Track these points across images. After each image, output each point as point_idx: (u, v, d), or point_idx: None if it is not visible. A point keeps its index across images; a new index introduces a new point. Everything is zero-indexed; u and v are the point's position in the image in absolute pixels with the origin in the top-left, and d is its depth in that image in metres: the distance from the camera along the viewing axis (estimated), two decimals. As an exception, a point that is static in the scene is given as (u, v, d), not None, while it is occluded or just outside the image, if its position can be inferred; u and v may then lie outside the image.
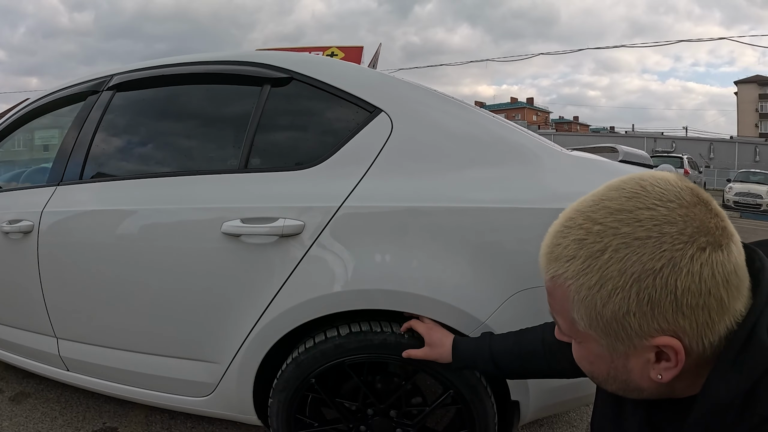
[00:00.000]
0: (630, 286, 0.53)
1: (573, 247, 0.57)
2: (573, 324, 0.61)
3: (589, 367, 0.65)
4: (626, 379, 0.61)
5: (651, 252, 0.52)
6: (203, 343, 1.47)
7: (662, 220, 0.53)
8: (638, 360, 0.58)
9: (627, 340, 0.57)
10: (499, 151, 1.38)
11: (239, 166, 1.45)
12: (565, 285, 0.58)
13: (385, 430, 1.45)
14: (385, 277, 1.30)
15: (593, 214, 0.57)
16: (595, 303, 0.56)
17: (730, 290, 0.53)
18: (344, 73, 1.51)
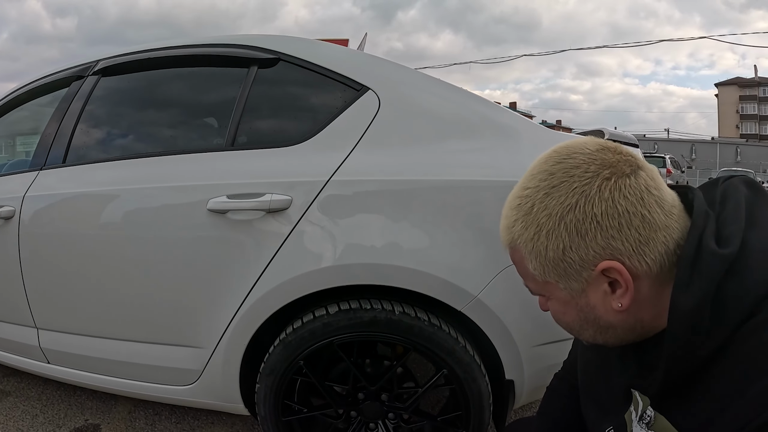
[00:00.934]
0: (558, 225, 0.62)
1: (513, 214, 0.67)
2: (535, 279, 0.68)
3: (564, 319, 0.70)
4: (595, 317, 0.66)
5: (565, 193, 0.61)
6: (188, 326, 1.43)
7: (569, 166, 0.62)
8: (596, 294, 0.64)
9: (577, 276, 0.63)
10: (483, 127, 1.39)
11: (225, 145, 1.43)
12: (518, 247, 0.67)
13: (376, 414, 1.41)
14: (374, 251, 1.27)
15: (522, 184, 0.67)
16: (539, 251, 0.64)
17: (648, 206, 0.60)
18: (331, 54, 1.51)
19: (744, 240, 0.57)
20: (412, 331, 1.27)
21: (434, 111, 1.40)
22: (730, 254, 0.56)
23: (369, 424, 1.43)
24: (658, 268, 0.60)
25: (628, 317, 0.64)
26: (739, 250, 0.56)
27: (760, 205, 0.63)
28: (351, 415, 1.42)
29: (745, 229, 0.59)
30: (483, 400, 1.32)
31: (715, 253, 0.56)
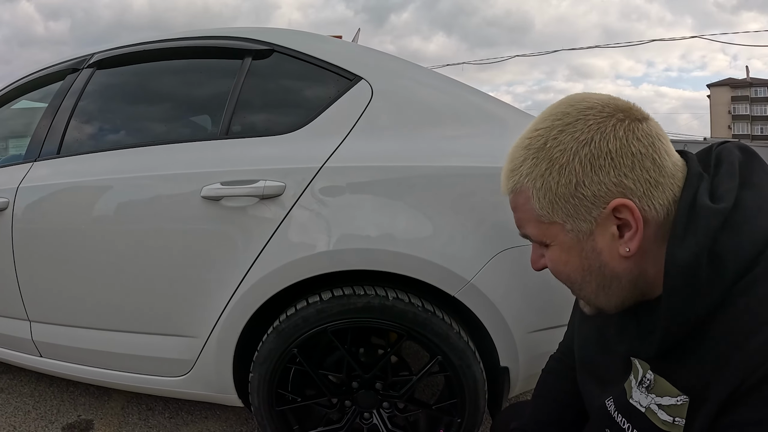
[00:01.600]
0: (572, 159, 0.61)
1: (522, 153, 0.66)
2: (539, 222, 0.66)
3: (565, 270, 0.67)
4: (600, 265, 0.64)
5: (581, 129, 0.61)
6: (181, 315, 1.43)
7: (584, 107, 0.63)
8: (603, 237, 0.63)
9: (587, 214, 0.62)
10: (474, 115, 1.41)
11: (219, 134, 1.44)
12: (524, 186, 0.65)
13: (371, 403, 1.41)
14: (366, 237, 1.28)
15: (533, 127, 0.66)
16: (551, 186, 0.63)
17: (659, 152, 0.61)
18: (324, 45, 1.53)
19: (738, 197, 0.58)
20: (406, 316, 1.27)
21: (426, 100, 1.42)
22: (724, 209, 0.57)
23: (363, 413, 1.43)
24: (665, 214, 0.61)
25: (633, 267, 0.63)
26: (733, 207, 0.58)
27: (753, 167, 0.64)
28: (345, 404, 1.42)
29: (738, 188, 0.60)
30: (478, 386, 1.32)
31: (709, 207, 0.57)
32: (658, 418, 0.63)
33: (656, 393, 0.64)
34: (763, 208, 0.58)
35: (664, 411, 0.62)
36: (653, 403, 0.64)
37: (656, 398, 0.64)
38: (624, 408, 0.70)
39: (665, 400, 0.62)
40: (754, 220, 0.57)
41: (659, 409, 0.63)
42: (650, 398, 0.65)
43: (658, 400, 0.64)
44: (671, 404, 0.61)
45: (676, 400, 0.61)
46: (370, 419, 1.43)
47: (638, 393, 0.67)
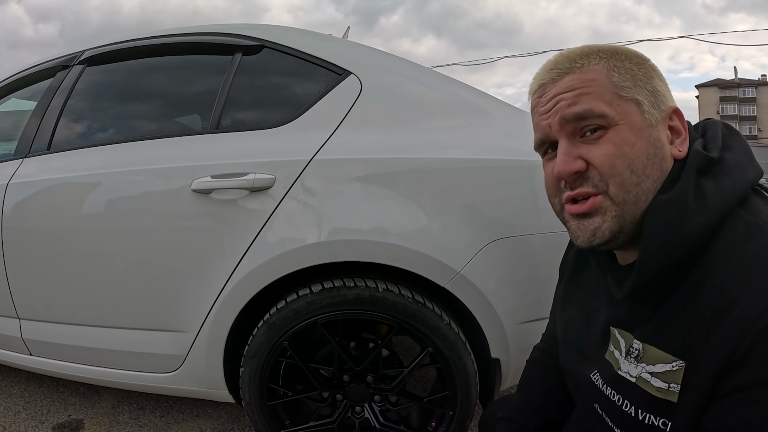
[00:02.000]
0: (645, 62, 0.68)
1: (586, 50, 0.69)
2: (615, 96, 0.64)
3: (631, 153, 0.63)
4: (662, 158, 0.64)
5: (629, 53, 0.69)
6: (171, 310, 1.43)
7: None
8: (663, 134, 0.66)
9: (657, 107, 0.66)
10: (463, 108, 1.43)
11: (210, 128, 1.45)
12: (601, 66, 0.66)
13: (362, 397, 1.41)
14: (356, 228, 1.29)
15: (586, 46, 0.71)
16: (632, 70, 0.66)
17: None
18: (314, 40, 1.55)
19: (721, 155, 0.65)
20: (396, 308, 1.28)
21: (415, 93, 1.44)
22: (710, 158, 0.64)
23: (355, 408, 1.43)
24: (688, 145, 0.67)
25: (672, 174, 0.64)
26: (718, 160, 0.64)
27: (733, 137, 0.69)
28: (337, 398, 1.42)
29: (721, 148, 0.66)
30: (469, 378, 1.33)
31: (700, 152, 0.65)
32: (652, 386, 0.63)
33: (647, 362, 0.64)
34: (741, 165, 0.64)
35: (659, 378, 0.62)
36: (645, 371, 0.64)
37: (648, 367, 0.64)
38: (613, 381, 0.70)
39: (659, 367, 0.62)
40: (733, 172, 0.62)
41: (652, 377, 0.63)
42: (641, 368, 0.65)
43: (651, 369, 0.64)
44: (666, 371, 0.61)
45: (671, 365, 0.61)
46: (362, 413, 1.43)
47: (627, 364, 0.68)
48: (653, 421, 0.63)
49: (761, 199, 0.62)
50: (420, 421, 1.47)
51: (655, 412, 0.63)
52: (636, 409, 0.66)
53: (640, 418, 0.65)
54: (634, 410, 0.66)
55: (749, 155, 0.66)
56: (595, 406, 0.75)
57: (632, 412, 0.66)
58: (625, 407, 0.67)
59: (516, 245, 1.31)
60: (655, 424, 0.63)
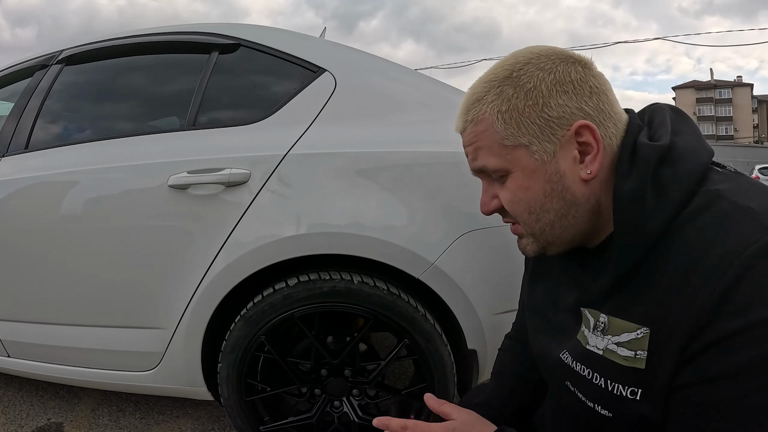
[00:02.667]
0: (539, 84, 0.66)
1: (484, 86, 0.70)
2: (502, 147, 0.68)
3: (526, 197, 0.69)
4: (562, 189, 0.67)
5: (545, 62, 0.67)
6: (149, 307, 1.45)
7: (545, 50, 0.69)
8: (566, 160, 0.67)
9: (552, 136, 0.66)
10: (435, 103, 1.47)
11: (187, 125, 1.48)
12: (487, 114, 0.68)
13: (340, 391, 1.43)
14: (331, 220, 1.32)
15: (491, 70, 0.71)
16: (518, 107, 0.67)
17: (610, 93, 0.68)
18: (289, 39, 1.58)
19: (671, 140, 0.65)
20: (372, 300, 1.31)
21: (388, 89, 1.48)
22: (662, 146, 0.64)
23: (333, 402, 1.45)
24: (615, 149, 0.67)
25: (590, 195, 0.67)
26: (669, 147, 0.64)
27: (682, 121, 0.70)
28: (315, 393, 1.44)
29: (671, 134, 0.66)
30: (446, 369, 1.35)
31: (649, 145, 0.64)
32: (619, 355, 0.65)
33: (612, 333, 0.66)
34: (693, 149, 0.64)
35: (624, 347, 0.65)
36: (611, 343, 0.67)
37: (613, 338, 0.66)
38: (581, 356, 0.72)
39: (623, 336, 0.65)
40: (687, 157, 0.63)
41: (618, 347, 0.65)
42: (607, 339, 0.67)
43: (616, 339, 0.66)
44: (631, 339, 0.64)
45: (636, 333, 0.63)
46: (341, 408, 1.45)
47: (594, 338, 0.70)
48: (621, 391, 0.65)
49: (716, 174, 0.64)
50: (399, 414, 1.49)
51: (623, 381, 0.65)
52: (605, 380, 0.67)
53: (610, 389, 0.67)
54: (603, 382, 0.68)
55: (699, 137, 0.68)
56: (567, 384, 0.76)
57: (602, 384, 0.68)
58: (595, 380, 0.69)
59: (489, 237, 1.34)
60: (623, 394, 0.65)
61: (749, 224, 0.55)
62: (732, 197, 0.59)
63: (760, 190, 0.61)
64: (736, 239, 0.55)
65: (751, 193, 0.59)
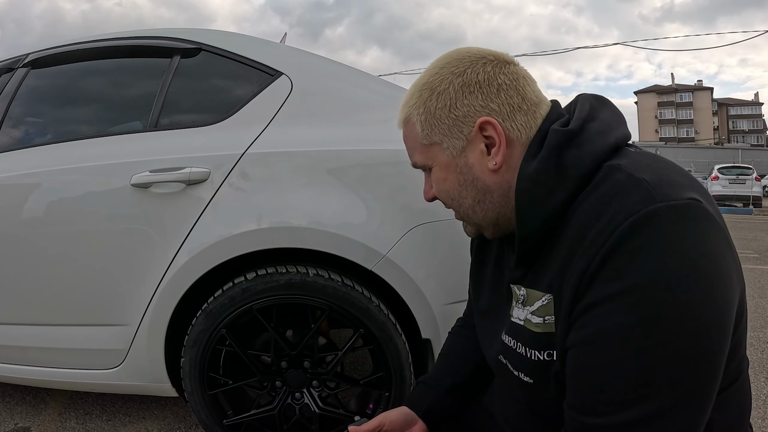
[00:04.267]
0: (448, 87, 0.76)
1: (411, 91, 0.82)
2: (422, 146, 0.80)
3: (445, 187, 0.80)
4: (473, 179, 0.77)
5: (456, 65, 0.77)
6: (112, 304, 1.53)
7: (462, 55, 0.79)
8: (474, 154, 0.76)
9: (459, 133, 0.76)
10: (386, 104, 1.57)
11: (149, 127, 1.57)
12: (411, 116, 0.80)
13: (300, 382, 1.51)
14: (286, 215, 1.42)
15: (421, 76, 0.82)
16: (430, 110, 0.77)
17: (522, 87, 0.76)
18: (248, 44, 1.69)
19: (583, 126, 0.72)
20: (326, 291, 1.40)
21: (342, 92, 1.61)
22: (569, 131, 0.70)
23: (294, 393, 1.53)
24: (527, 137, 0.74)
25: (502, 182, 0.75)
26: (579, 131, 0.71)
27: (602, 108, 0.77)
28: (276, 385, 1.52)
29: (585, 120, 0.73)
30: (402, 358, 1.44)
31: (558, 129, 0.71)
32: (533, 323, 0.73)
33: (529, 304, 0.74)
34: (603, 132, 0.71)
35: (536, 315, 0.72)
36: (528, 313, 0.74)
37: (529, 308, 0.74)
38: (509, 329, 0.80)
39: (536, 305, 0.72)
40: (595, 139, 0.70)
41: (532, 315, 0.73)
42: (526, 311, 0.75)
43: (531, 309, 0.74)
44: (539, 306, 0.71)
45: (542, 300, 0.71)
46: (302, 399, 1.53)
47: (517, 310, 0.78)
48: (538, 356, 0.72)
49: (626, 154, 0.69)
50: (359, 404, 1.58)
51: (539, 347, 0.72)
52: (526, 348, 0.75)
53: (529, 356, 0.74)
54: (525, 350, 0.75)
55: (616, 122, 0.74)
56: (500, 358, 0.83)
57: (523, 352, 0.75)
58: (518, 349, 0.77)
59: (439, 229, 1.44)
60: (541, 358, 0.72)
61: (638, 194, 0.60)
62: (629, 170, 0.64)
63: (662, 165, 0.66)
64: (623, 207, 0.60)
65: (651, 168, 0.64)
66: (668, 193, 0.59)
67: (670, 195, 0.59)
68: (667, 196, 0.59)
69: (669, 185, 0.61)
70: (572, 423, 0.65)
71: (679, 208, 0.59)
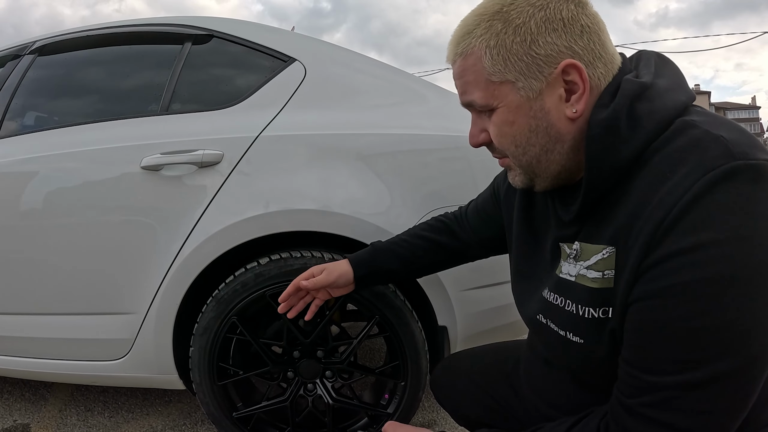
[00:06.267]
0: (528, 20, 0.69)
1: (475, 20, 0.73)
2: (489, 82, 0.72)
3: (511, 131, 0.74)
4: (547, 125, 0.71)
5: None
6: (119, 291, 1.51)
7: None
8: (552, 98, 0.70)
9: (539, 73, 0.69)
10: (399, 91, 1.62)
11: (160, 110, 1.58)
12: (476, 47, 0.72)
13: (313, 373, 1.50)
14: (302, 199, 1.41)
15: (483, 2, 0.74)
16: (506, 43, 0.70)
17: (603, 33, 0.71)
18: (260, 31, 1.71)
19: (653, 81, 0.70)
20: (342, 276, 1.39)
21: (355, 78, 1.62)
22: (642, 83, 0.68)
23: (307, 385, 1.51)
24: (603, 87, 0.70)
25: (576, 132, 0.71)
26: (649, 85, 0.69)
27: (665, 65, 0.75)
28: (288, 376, 1.50)
29: (653, 76, 0.71)
30: (418, 345, 1.43)
31: (632, 80, 0.69)
32: (588, 278, 0.70)
33: (584, 259, 0.71)
34: (673, 88, 0.69)
35: (593, 269, 0.69)
36: (582, 268, 0.72)
37: (584, 263, 0.71)
38: (555, 286, 0.77)
39: (593, 259, 0.70)
40: (665, 95, 0.68)
41: (588, 270, 0.70)
42: (579, 266, 0.72)
43: (587, 263, 0.71)
44: (598, 260, 0.69)
45: (603, 253, 0.68)
46: (314, 390, 1.51)
47: (567, 266, 0.75)
48: (592, 313, 0.70)
49: (695, 112, 0.68)
50: (373, 395, 1.56)
51: (594, 304, 0.70)
52: (577, 305, 0.72)
53: (581, 314, 0.71)
54: (575, 307, 0.72)
55: (681, 81, 0.72)
56: (539, 317, 0.81)
57: (574, 310, 0.73)
58: (567, 307, 0.74)
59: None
60: (595, 316, 0.70)
61: (716, 149, 0.59)
62: (705, 126, 0.62)
63: (736, 127, 0.64)
64: (702, 161, 0.59)
65: (726, 126, 0.62)
66: (747, 151, 0.58)
67: (749, 154, 0.58)
68: (746, 155, 0.58)
69: (746, 145, 0.60)
70: (630, 381, 0.64)
71: (759, 167, 0.57)
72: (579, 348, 0.74)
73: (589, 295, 0.70)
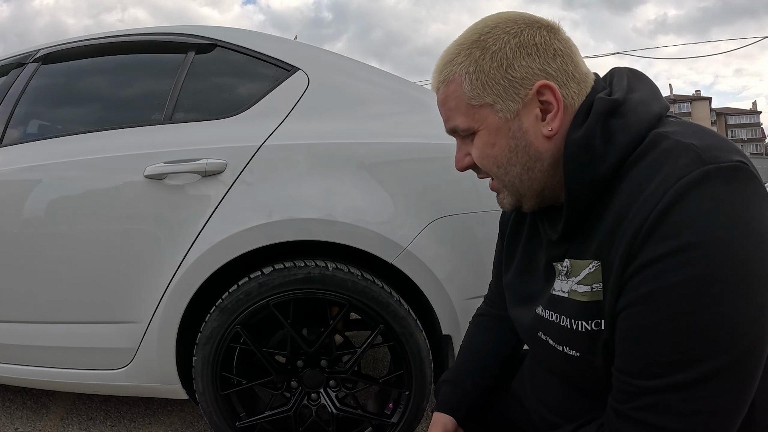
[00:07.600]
0: (504, 46, 0.74)
1: (455, 49, 0.78)
2: (469, 107, 0.76)
3: (492, 152, 0.78)
4: (526, 144, 0.75)
5: (511, 26, 0.75)
6: (122, 300, 1.52)
7: (511, 17, 0.78)
8: (529, 118, 0.74)
9: (515, 95, 0.74)
10: (400, 99, 1.64)
11: (164, 119, 1.59)
12: (457, 74, 0.77)
13: (317, 382, 1.51)
14: (307, 209, 1.43)
15: (463, 34, 0.79)
16: (483, 68, 0.74)
17: (575, 56, 0.76)
18: (264, 40, 1.73)
19: (625, 96, 0.73)
20: (346, 285, 1.41)
21: (359, 87, 1.64)
22: (614, 99, 0.72)
23: (311, 394, 1.52)
24: (579, 104, 0.74)
25: (554, 150, 0.74)
26: (622, 101, 0.72)
27: (638, 80, 0.79)
28: (292, 386, 1.52)
29: (626, 92, 0.74)
30: (422, 355, 1.44)
31: (604, 98, 0.72)
32: (579, 293, 0.73)
33: (574, 275, 0.74)
34: (646, 101, 0.73)
35: (582, 284, 0.72)
36: (573, 284, 0.74)
37: (575, 279, 0.74)
38: (550, 303, 0.80)
39: (582, 274, 0.73)
40: (639, 108, 0.71)
41: (578, 285, 0.73)
42: (570, 282, 0.75)
43: (576, 279, 0.74)
44: (586, 274, 0.72)
45: (590, 267, 0.71)
46: (318, 400, 1.52)
47: (560, 283, 0.78)
48: (585, 326, 0.72)
49: (669, 122, 0.71)
50: (378, 404, 1.57)
51: (586, 317, 0.72)
52: (570, 320, 0.75)
53: (575, 328, 0.74)
54: (569, 322, 0.75)
55: (654, 94, 0.76)
56: (539, 335, 0.83)
57: (568, 325, 0.75)
58: (562, 322, 0.77)
59: (459, 223, 1.46)
60: (588, 329, 0.72)
61: (688, 157, 0.62)
62: (676, 137, 0.65)
63: (708, 133, 0.67)
64: (675, 169, 0.61)
65: (698, 134, 0.66)
66: (718, 155, 0.61)
67: (720, 157, 0.61)
68: (717, 159, 0.60)
69: (717, 149, 0.62)
70: (622, 387, 0.66)
71: (730, 169, 0.60)
72: (576, 361, 0.76)
73: (581, 308, 0.73)
